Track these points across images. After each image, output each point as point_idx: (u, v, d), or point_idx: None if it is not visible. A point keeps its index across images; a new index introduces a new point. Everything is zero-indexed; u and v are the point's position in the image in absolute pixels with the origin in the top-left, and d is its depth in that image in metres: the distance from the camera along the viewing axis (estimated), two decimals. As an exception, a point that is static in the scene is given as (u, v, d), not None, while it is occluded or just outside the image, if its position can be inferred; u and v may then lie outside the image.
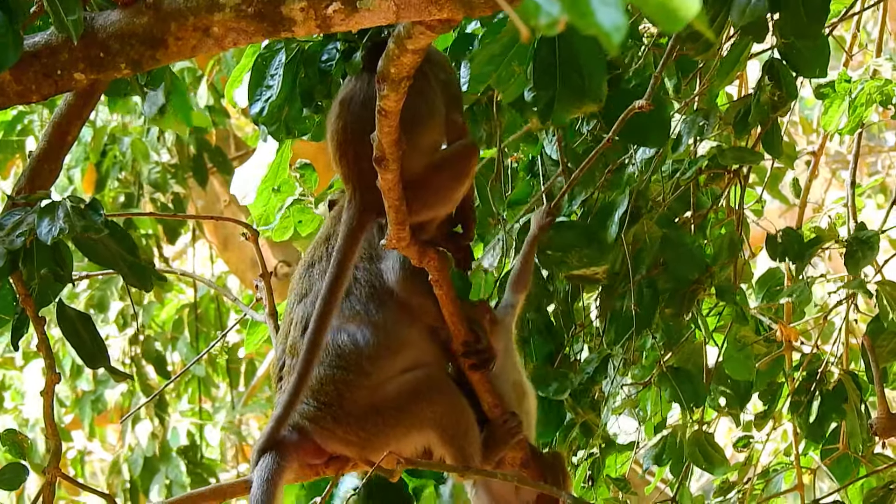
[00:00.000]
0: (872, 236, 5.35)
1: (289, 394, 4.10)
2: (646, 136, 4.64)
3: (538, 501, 4.53)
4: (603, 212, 5.04)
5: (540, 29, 2.05)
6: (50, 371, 4.14)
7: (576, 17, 2.04)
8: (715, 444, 5.32)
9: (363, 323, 4.20)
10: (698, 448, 5.28)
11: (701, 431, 5.29)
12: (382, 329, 4.20)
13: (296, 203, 5.43)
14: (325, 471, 4.31)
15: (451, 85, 4.18)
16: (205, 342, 11.18)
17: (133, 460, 10.90)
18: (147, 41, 3.78)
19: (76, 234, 3.93)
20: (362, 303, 4.22)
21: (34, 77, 3.91)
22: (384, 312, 4.22)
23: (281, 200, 5.42)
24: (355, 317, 4.21)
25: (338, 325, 4.18)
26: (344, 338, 4.18)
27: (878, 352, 5.33)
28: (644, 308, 5.01)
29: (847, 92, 5.69)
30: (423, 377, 4.25)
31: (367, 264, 4.26)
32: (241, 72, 5.06)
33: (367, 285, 4.23)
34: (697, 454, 5.27)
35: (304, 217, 5.45)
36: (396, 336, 4.21)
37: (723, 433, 6.21)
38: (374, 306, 4.22)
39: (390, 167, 3.84)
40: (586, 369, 5.09)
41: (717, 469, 5.31)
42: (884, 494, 5.23)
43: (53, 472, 4.11)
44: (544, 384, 4.92)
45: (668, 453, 5.32)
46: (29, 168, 4.45)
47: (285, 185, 5.38)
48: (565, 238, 4.89)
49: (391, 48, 3.56)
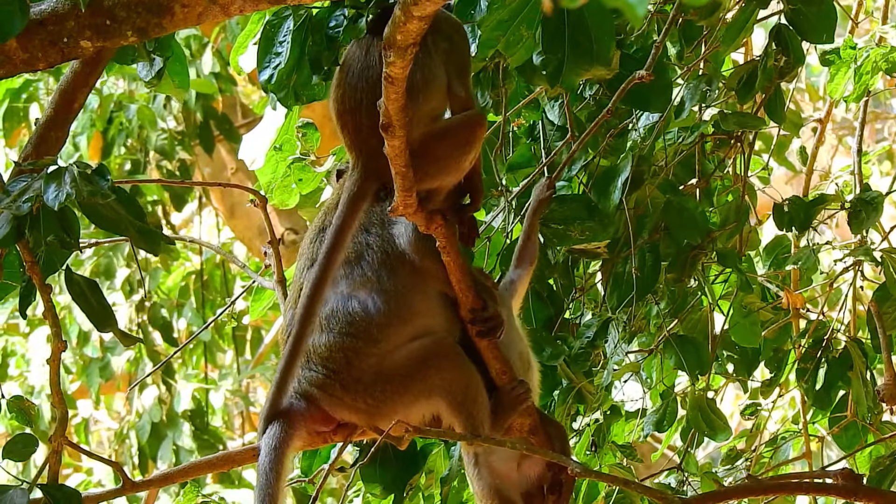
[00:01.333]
0: (877, 197, 5.34)
1: (285, 359, 4.10)
2: (647, 101, 4.64)
3: (546, 468, 4.54)
4: (605, 177, 5.03)
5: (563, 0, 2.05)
6: (56, 339, 4.14)
7: (600, -10, 2.04)
8: (717, 409, 5.32)
9: (374, 290, 4.20)
10: (700, 413, 5.29)
11: (703, 396, 5.30)
12: (394, 297, 4.19)
13: (296, 161, 5.41)
14: (332, 438, 4.31)
15: (454, 53, 4.15)
16: (211, 309, 11.20)
17: (140, 427, 10.93)
18: (153, 9, 3.79)
19: (83, 199, 3.92)
20: (374, 269, 4.21)
21: (41, 45, 3.91)
22: (396, 280, 4.21)
23: (283, 159, 5.41)
24: (366, 283, 4.20)
25: (348, 292, 4.18)
26: (354, 305, 4.18)
27: (885, 319, 5.32)
28: (646, 273, 5.01)
29: (853, 59, 5.67)
30: (432, 344, 4.24)
31: (380, 230, 4.26)
32: (246, 38, 5.05)
33: (380, 251, 4.23)
34: (699, 419, 5.28)
35: (305, 175, 5.43)
36: (407, 304, 4.21)
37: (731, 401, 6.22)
38: (386, 273, 4.21)
39: (397, 133, 3.83)
40: (586, 333, 5.09)
41: (718, 435, 5.32)
42: (891, 462, 5.23)
43: (60, 440, 4.12)
44: (539, 349, 4.91)
45: (668, 419, 5.33)
46: (35, 135, 4.44)
47: (287, 144, 5.37)
48: (567, 210, 4.88)
49: (397, 15, 3.55)
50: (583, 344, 5.07)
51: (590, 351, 5.07)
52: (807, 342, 5.47)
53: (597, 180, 5.08)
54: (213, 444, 10.98)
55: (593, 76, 4.22)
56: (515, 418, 4.40)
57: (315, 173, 5.39)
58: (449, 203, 4.23)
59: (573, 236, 4.89)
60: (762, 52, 4.88)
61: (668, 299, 5.24)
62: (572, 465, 4.34)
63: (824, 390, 5.40)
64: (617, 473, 4.97)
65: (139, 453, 10.96)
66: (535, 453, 4.46)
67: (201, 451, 10.75)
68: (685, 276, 5.15)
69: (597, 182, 5.08)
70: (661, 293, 5.21)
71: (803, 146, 6.66)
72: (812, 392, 5.42)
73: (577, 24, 3.95)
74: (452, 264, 4.17)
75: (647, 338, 5.34)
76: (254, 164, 5.49)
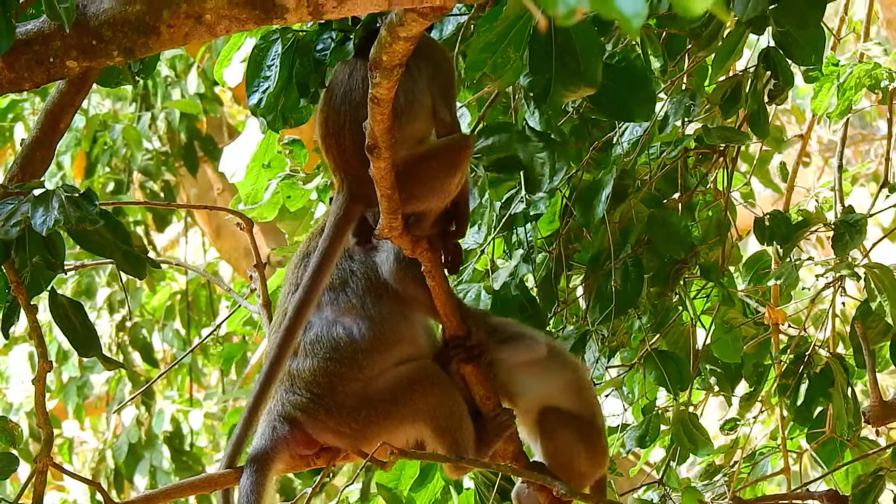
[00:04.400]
0: (860, 219, 5.36)
1: (261, 380, 4.09)
2: (630, 111, 4.58)
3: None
4: (589, 191, 5.05)
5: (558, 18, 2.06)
6: (42, 359, 4.13)
7: (596, 4, 2.05)
8: (699, 424, 5.34)
9: (359, 316, 4.20)
10: (682, 428, 5.30)
11: (685, 411, 5.31)
12: (379, 323, 4.20)
13: (285, 179, 5.41)
14: (316, 462, 4.32)
15: (439, 77, 4.15)
16: (196, 329, 11.18)
17: (118, 447, 10.90)
18: (139, 29, 3.78)
19: (71, 225, 3.92)
20: (358, 296, 4.22)
21: (27, 65, 3.91)
22: (380, 306, 4.22)
23: (271, 176, 5.41)
24: (351, 310, 4.21)
25: (333, 317, 4.19)
26: (339, 330, 4.18)
27: (867, 333, 5.33)
28: (629, 286, 5.02)
29: (836, 75, 5.70)
30: (417, 369, 4.25)
31: (364, 256, 4.26)
32: (230, 51, 5.06)
33: (364, 278, 4.23)
34: (681, 434, 5.29)
35: (293, 193, 5.43)
36: (392, 331, 4.22)
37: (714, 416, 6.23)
38: (371, 299, 4.22)
39: (382, 155, 3.84)
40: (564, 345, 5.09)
41: (700, 450, 5.34)
42: (873, 481, 5.24)
43: (45, 460, 4.11)
44: None
45: (651, 435, 5.34)
46: (21, 155, 4.44)
47: (275, 161, 5.37)
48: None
49: (383, 36, 3.57)
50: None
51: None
52: (788, 358, 5.48)
53: (580, 194, 5.10)
54: (191, 465, 10.95)
55: (580, 96, 4.23)
56: (500, 444, 4.40)
57: (303, 190, 5.40)
58: (436, 230, 4.22)
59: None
60: (752, 74, 4.89)
61: (651, 314, 5.26)
62: (558, 487, 4.34)
63: (805, 406, 5.41)
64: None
65: (115, 473, 10.94)
66: (520, 476, 4.46)
67: (179, 473, 10.72)
68: (668, 290, 5.17)
69: (580, 195, 5.09)
70: (643, 308, 5.23)
71: (783, 162, 6.69)
72: (793, 408, 5.43)
73: (564, 45, 3.97)
74: (437, 288, 4.17)
75: (629, 352, 5.35)
76: (234, 176, 5.50)
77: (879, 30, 7.64)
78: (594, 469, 4.48)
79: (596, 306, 5.08)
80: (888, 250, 10.31)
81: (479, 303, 4.93)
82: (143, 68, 4.50)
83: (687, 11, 2.09)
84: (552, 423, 4.41)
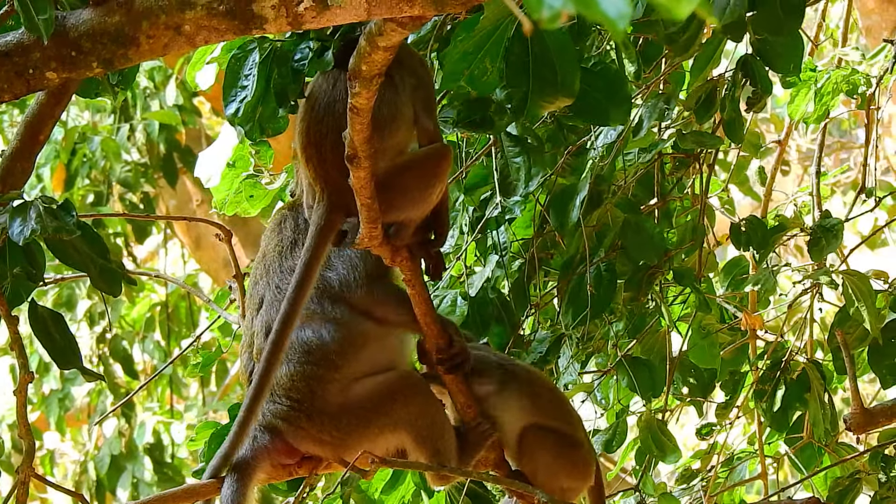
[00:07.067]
0: (836, 224, 5.38)
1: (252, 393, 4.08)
2: (606, 115, 4.52)
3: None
4: (564, 196, 5.05)
5: (543, 22, 2.06)
6: (23, 370, 4.13)
7: (581, 7, 2.06)
8: (667, 431, 5.35)
9: (323, 320, 4.21)
10: (650, 435, 5.31)
11: (653, 418, 5.32)
12: (343, 324, 4.21)
13: (249, 178, 5.41)
14: (297, 471, 4.31)
15: (420, 88, 4.16)
16: (176, 340, 11.17)
17: (99, 459, 10.88)
18: (119, 40, 3.78)
19: (48, 234, 3.92)
20: (315, 302, 4.22)
21: (6, 76, 3.90)
22: (339, 308, 4.23)
23: (236, 175, 5.40)
24: (313, 315, 4.22)
25: (300, 323, 4.18)
26: (308, 334, 4.20)
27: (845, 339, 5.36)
28: (602, 290, 5.03)
29: (813, 80, 5.73)
30: (398, 378, 4.26)
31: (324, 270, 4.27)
32: (203, 54, 5.05)
33: (317, 285, 4.22)
34: (649, 440, 5.30)
35: (256, 192, 5.43)
36: (358, 330, 4.22)
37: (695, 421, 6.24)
38: (329, 303, 4.23)
39: (362, 164, 3.85)
40: (538, 348, 5.11)
41: (668, 456, 5.35)
42: (850, 484, 5.27)
43: (27, 471, 4.11)
44: None
45: (618, 440, 5.35)
46: (1, 167, 4.44)
47: (240, 161, 5.37)
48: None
49: (363, 45, 3.58)
50: (535, 359, 5.08)
51: (541, 367, 5.08)
52: (765, 364, 5.50)
53: (555, 198, 5.11)
54: (172, 476, 10.94)
55: (557, 107, 4.24)
56: (482, 453, 4.41)
57: (266, 190, 5.39)
58: (417, 239, 4.23)
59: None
60: (729, 80, 4.91)
61: (626, 319, 5.27)
62: (539, 496, 4.34)
63: (782, 412, 5.43)
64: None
65: (97, 485, 10.91)
66: (502, 484, 4.46)
67: (161, 485, 10.71)
68: (641, 295, 5.18)
69: (555, 200, 5.11)
70: (618, 313, 5.24)
71: (762, 167, 6.71)
72: (770, 413, 5.45)
73: (541, 56, 3.98)
74: (417, 297, 4.18)
75: (603, 358, 5.37)
76: (209, 181, 5.49)
77: (858, 37, 7.66)
78: (578, 482, 4.49)
79: (569, 310, 5.09)
80: (867, 258, 10.38)
81: (454, 309, 4.95)
82: (122, 80, 4.50)
83: (672, 14, 2.09)
84: (530, 443, 4.41)
